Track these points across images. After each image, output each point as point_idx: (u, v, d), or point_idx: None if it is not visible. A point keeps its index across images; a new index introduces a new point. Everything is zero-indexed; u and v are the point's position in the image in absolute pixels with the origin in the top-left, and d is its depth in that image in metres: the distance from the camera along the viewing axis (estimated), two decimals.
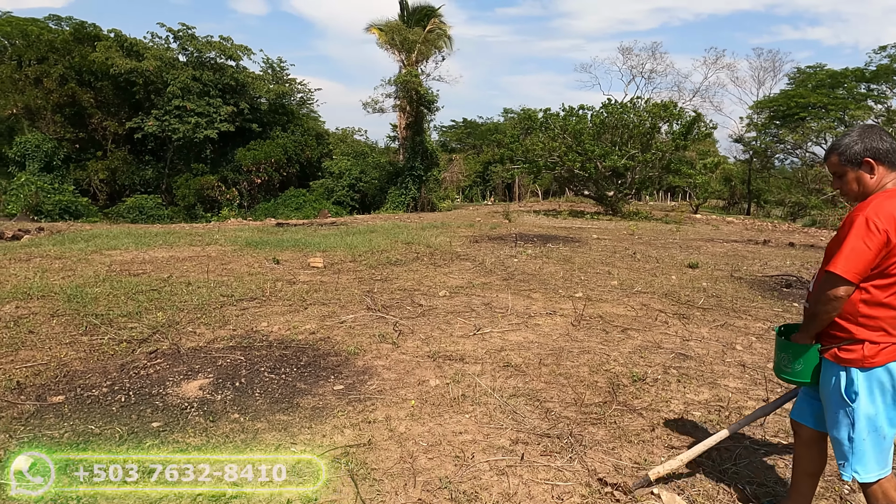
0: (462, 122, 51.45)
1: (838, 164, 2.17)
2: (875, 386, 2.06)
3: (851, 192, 2.17)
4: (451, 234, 13.28)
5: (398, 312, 6.00)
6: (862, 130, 2.16)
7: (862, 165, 2.11)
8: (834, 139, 2.23)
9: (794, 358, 2.28)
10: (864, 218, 1.98)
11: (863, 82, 31.52)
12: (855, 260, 1.98)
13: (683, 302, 6.93)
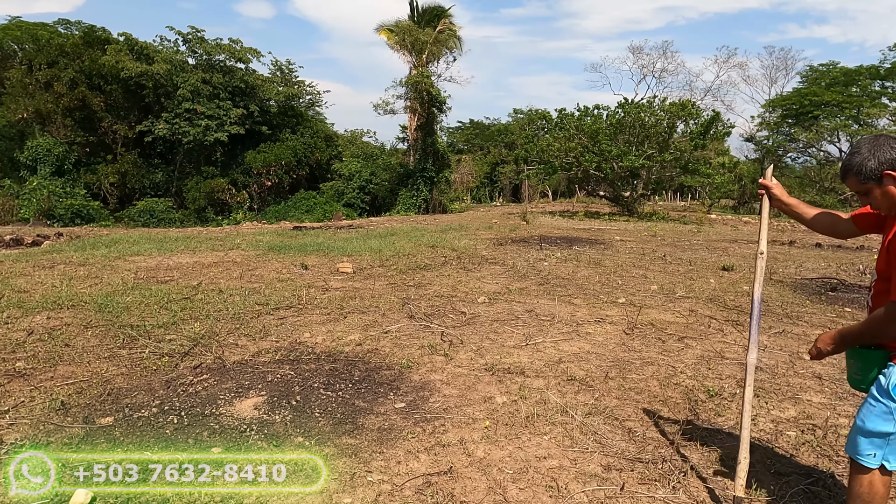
0: (469, 122, 51.23)
1: (858, 183, 2.11)
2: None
3: (884, 206, 2.10)
4: (472, 237, 13.04)
5: (442, 321, 5.76)
6: (870, 145, 2.07)
7: (884, 180, 2.04)
8: (844, 160, 2.14)
9: (862, 364, 2.18)
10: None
11: (877, 80, 31.21)
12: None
13: (731, 308, 6.68)
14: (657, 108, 20.79)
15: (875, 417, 2.07)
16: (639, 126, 20.52)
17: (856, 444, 2.14)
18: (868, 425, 2.09)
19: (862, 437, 2.12)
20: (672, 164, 20.33)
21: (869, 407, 2.11)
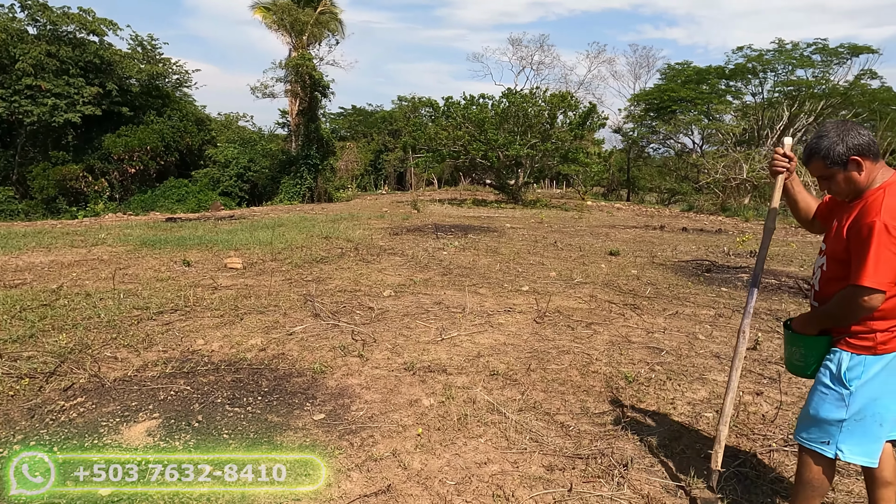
0: (352, 109, 50.05)
1: (824, 167, 2.10)
2: (883, 371, 2.05)
3: (842, 192, 2.12)
4: (366, 227, 12.67)
5: (350, 318, 5.43)
6: (839, 129, 2.07)
7: (849, 165, 2.05)
8: (811, 143, 2.13)
9: (806, 351, 2.22)
10: (882, 224, 1.91)
11: (723, 79, 34.64)
12: (885, 270, 1.93)
13: (626, 292, 6.98)
14: (539, 99, 21.50)
15: (828, 405, 2.12)
16: (522, 116, 21.09)
17: (809, 433, 2.18)
18: (822, 413, 2.13)
19: (815, 426, 2.16)
20: (553, 153, 21.16)
21: (821, 395, 2.14)
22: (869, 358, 2.06)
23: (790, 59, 31.80)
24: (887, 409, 2.09)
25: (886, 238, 1.91)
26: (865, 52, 30.83)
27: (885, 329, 2.03)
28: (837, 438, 2.11)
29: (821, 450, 2.14)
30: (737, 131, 29.56)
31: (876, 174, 2.07)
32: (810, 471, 2.18)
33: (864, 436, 2.10)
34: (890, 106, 31.02)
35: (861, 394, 2.06)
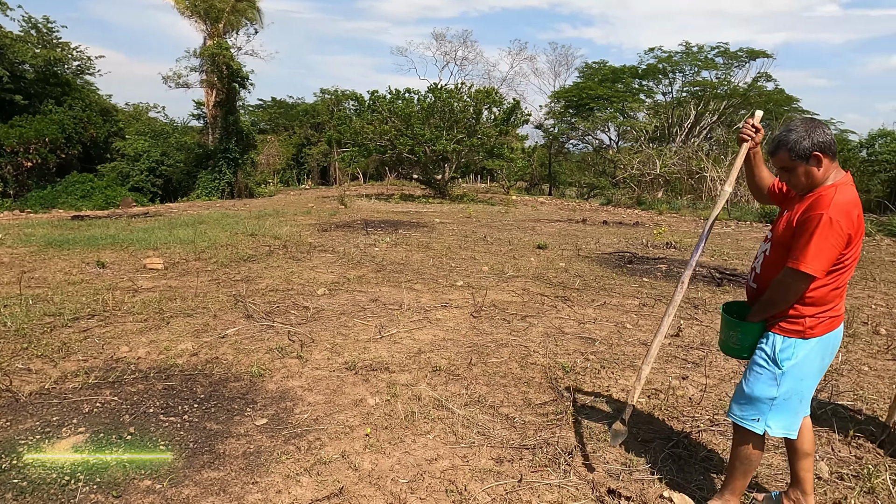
0: (272, 101, 48.41)
1: (788, 159, 2.22)
2: (810, 354, 2.24)
3: (800, 185, 2.26)
4: (293, 223, 12.34)
5: (285, 318, 5.28)
6: (807, 125, 2.21)
7: (810, 160, 2.19)
8: (780, 136, 2.27)
9: (743, 335, 2.37)
10: (828, 218, 2.07)
11: (636, 78, 36.38)
12: (824, 259, 2.09)
13: (556, 284, 7.22)
14: (465, 94, 21.71)
15: (762, 384, 2.28)
16: (448, 111, 21.24)
17: (743, 411, 2.34)
18: (756, 392, 2.29)
19: (748, 404, 2.32)
20: (479, 148, 21.45)
21: (756, 375, 2.31)
22: (799, 341, 2.23)
23: (696, 61, 33.84)
24: (808, 388, 2.30)
25: (829, 230, 2.06)
26: (761, 56, 33.30)
27: (813, 315, 2.21)
28: (767, 415, 2.28)
29: (751, 426, 2.30)
30: (649, 128, 31.11)
31: (831, 172, 2.22)
32: (744, 447, 2.34)
33: (788, 412, 2.29)
34: (783, 106, 33.73)
35: (791, 374, 2.24)
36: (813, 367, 2.27)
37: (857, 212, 2.14)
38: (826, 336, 2.25)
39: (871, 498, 2.69)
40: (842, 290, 2.25)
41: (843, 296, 2.27)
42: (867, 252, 10.77)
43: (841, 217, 2.07)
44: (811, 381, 2.29)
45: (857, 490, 2.72)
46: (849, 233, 2.09)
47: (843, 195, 2.13)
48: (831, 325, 2.25)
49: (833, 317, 2.25)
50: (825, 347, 2.27)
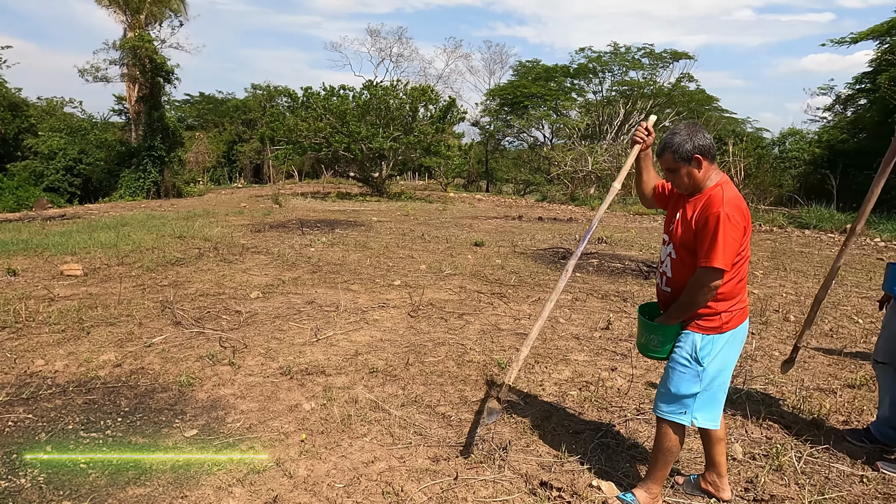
0: (200, 96, 46.60)
1: (672, 160, 2.37)
2: (726, 346, 2.40)
3: (683, 185, 2.43)
4: (224, 224, 11.95)
5: (216, 324, 5.12)
6: (689, 130, 2.36)
7: (692, 161, 2.35)
8: (665, 138, 2.44)
9: (663, 338, 2.48)
10: (726, 215, 2.23)
11: (568, 77, 37.38)
12: (730, 253, 2.25)
13: (493, 281, 7.33)
14: (400, 91, 21.63)
15: (686, 382, 2.40)
16: (384, 108, 21.10)
17: (669, 406, 2.46)
18: (682, 390, 2.41)
19: (674, 401, 2.44)
20: (416, 145, 21.45)
21: (679, 374, 2.42)
22: (716, 336, 2.37)
23: (624, 62, 35.11)
24: (727, 377, 2.46)
25: (728, 226, 2.21)
26: (684, 57, 34.93)
27: (727, 310, 2.36)
28: (693, 409, 2.41)
29: (679, 420, 2.43)
30: (581, 126, 32.01)
31: (711, 173, 2.39)
32: (669, 439, 2.47)
33: (712, 403, 2.44)
34: (704, 105, 35.54)
35: (711, 368, 2.38)
36: (730, 358, 2.43)
37: (746, 209, 2.32)
38: (738, 328, 2.42)
39: (779, 474, 2.91)
40: (745, 282, 2.41)
41: (745, 287, 2.44)
42: (778, 243, 11.53)
43: (735, 212, 2.24)
44: (729, 372, 2.46)
45: (766, 468, 2.93)
46: (744, 225, 2.26)
47: (730, 192, 2.31)
48: (742, 318, 2.42)
49: (742, 308, 2.42)
50: (738, 338, 2.44)
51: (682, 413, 2.43)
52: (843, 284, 7.57)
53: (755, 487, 2.76)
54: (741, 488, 2.78)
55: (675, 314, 2.40)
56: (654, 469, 2.54)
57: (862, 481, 2.86)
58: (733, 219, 2.23)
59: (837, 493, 2.74)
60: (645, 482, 2.58)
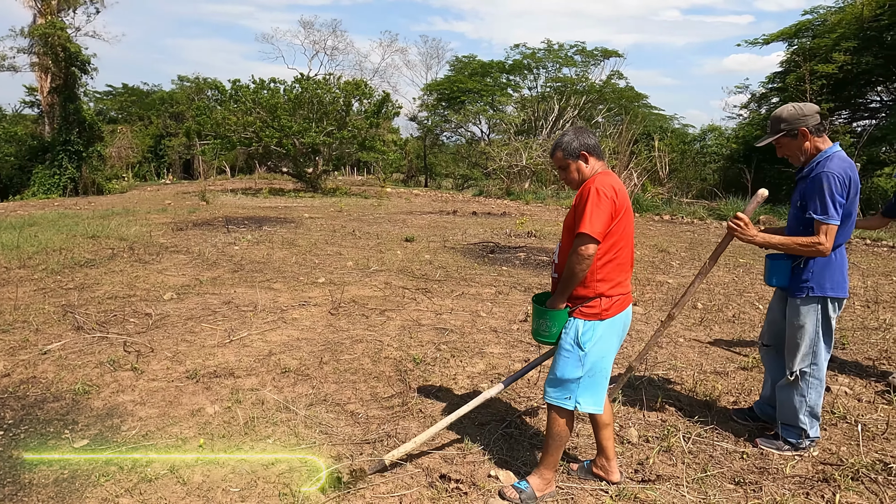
0: (123, 88, 44.27)
1: (562, 158, 2.59)
2: (607, 333, 2.52)
3: (573, 180, 2.61)
4: (144, 223, 11.43)
5: (122, 328, 4.90)
6: (575, 131, 2.61)
7: (579, 157, 2.57)
8: (556, 139, 2.67)
9: (551, 322, 2.58)
10: (595, 188, 2.41)
11: (504, 73, 37.86)
12: (598, 221, 2.38)
13: (419, 277, 7.35)
14: (333, 85, 21.28)
15: (570, 366, 2.51)
16: (317, 103, 20.70)
17: (555, 391, 2.56)
18: (566, 374, 2.51)
19: (559, 385, 2.54)
20: (350, 140, 21.18)
21: (563, 359, 2.53)
22: (597, 322, 2.49)
23: (557, 59, 35.88)
24: (609, 364, 2.57)
25: (598, 198, 2.37)
26: (614, 55, 36.04)
27: (606, 294, 2.48)
28: (576, 393, 2.52)
29: (564, 404, 2.53)
30: (517, 121, 32.49)
31: (597, 168, 2.58)
32: (557, 424, 2.57)
33: (594, 388, 2.54)
34: (634, 102, 36.82)
35: (592, 353, 2.49)
36: (611, 345, 2.55)
37: (620, 189, 2.46)
38: (618, 316, 2.53)
39: (668, 455, 3.06)
40: (623, 266, 2.52)
41: (627, 275, 2.56)
42: (697, 234, 12.12)
43: (605, 188, 2.41)
44: (610, 359, 2.57)
45: (656, 449, 3.08)
46: (613, 198, 2.40)
47: (605, 177, 2.49)
48: (622, 306, 2.54)
49: (622, 295, 2.53)
50: (618, 326, 2.55)
51: (567, 398, 2.53)
52: (750, 273, 8.03)
53: (644, 469, 2.90)
54: (632, 470, 2.91)
55: (561, 291, 2.50)
56: (545, 455, 2.63)
57: (742, 457, 3.05)
58: (602, 192, 2.39)
59: (719, 470, 2.92)
60: (538, 468, 2.66)
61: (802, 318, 2.96)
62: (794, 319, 2.99)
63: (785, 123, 2.94)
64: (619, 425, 3.39)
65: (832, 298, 2.94)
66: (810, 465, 2.97)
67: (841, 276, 2.95)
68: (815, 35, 21.41)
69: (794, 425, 3.08)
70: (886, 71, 19.80)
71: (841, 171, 2.80)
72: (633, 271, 2.62)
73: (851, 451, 3.11)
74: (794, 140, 2.95)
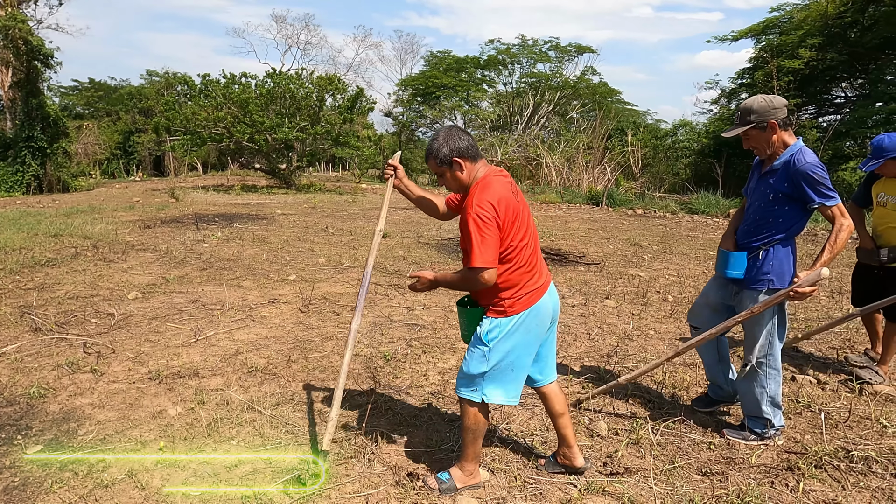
0: (89, 83, 43.15)
1: (436, 166, 2.49)
2: (513, 329, 2.48)
3: (453, 186, 2.53)
4: (110, 220, 11.15)
5: (83, 329, 4.75)
6: (445, 134, 2.47)
7: (452, 164, 2.45)
8: (427, 145, 2.54)
9: (468, 322, 2.58)
10: (475, 216, 2.30)
11: (479, 69, 37.83)
12: (487, 251, 2.31)
13: (392, 273, 7.29)
14: (306, 80, 21.00)
15: (475, 361, 2.49)
16: (290, 98, 20.42)
17: (464, 385, 2.55)
18: (472, 369, 2.50)
19: (467, 379, 2.53)
20: (324, 136, 20.95)
21: (471, 353, 2.52)
22: (502, 320, 2.46)
23: (532, 54, 35.97)
24: (519, 358, 2.51)
25: (481, 225, 2.28)
26: (588, 51, 36.26)
27: (510, 297, 2.45)
28: (482, 387, 2.51)
29: (471, 397, 2.52)
30: (492, 117, 32.51)
31: (477, 171, 2.46)
32: (468, 417, 2.55)
33: (502, 381, 2.51)
34: (607, 98, 37.12)
35: (497, 349, 2.46)
36: (520, 340, 2.49)
37: (503, 198, 2.35)
38: (527, 311, 2.47)
39: (636, 447, 3.06)
40: (530, 268, 2.47)
41: (534, 272, 2.49)
42: (669, 228, 12.26)
43: (483, 209, 2.30)
44: (522, 352, 2.51)
45: (625, 442, 3.08)
46: (494, 218, 2.31)
47: (484, 191, 2.36)
48: (530, 301, 2.48)
49: (530, 292, 2.47)
50: (529, 321, 2.49)
51: (474, 391, 2.52)
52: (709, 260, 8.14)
53: (613, 462, 2.90)
54: (601, 463, 2.90)
55: (443, 282, 2.50)
56: (463, 447, 2.62)
57: (710, 448, 3.07)
58: (483, 218, 2.28)
59: (686, 461, 2.93)
60: (459, 461, 2.66)
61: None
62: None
63: (755, 115, 2.93)
64: (588, 419, 3.39)
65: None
66: (775, 454, 3.00)
67: (793, 267, 2.99)
68: (781, 32, 21.84)
69: (758, 416, 3.11)
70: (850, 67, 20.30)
71: (819, 162, 2.86)
72: (541, 261, 2.58)
73: (815, 439, 3.16)
74: (762, 132, 2.95)
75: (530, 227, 2.49)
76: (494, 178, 2.43)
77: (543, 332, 2.58)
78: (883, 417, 3.39)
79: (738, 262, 3.03)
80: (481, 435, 2.59)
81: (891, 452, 2.99)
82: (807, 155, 2.86)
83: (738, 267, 3.04)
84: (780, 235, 2.95)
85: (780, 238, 2.95)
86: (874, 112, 18.68)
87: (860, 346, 4.70)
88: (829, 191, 2.84)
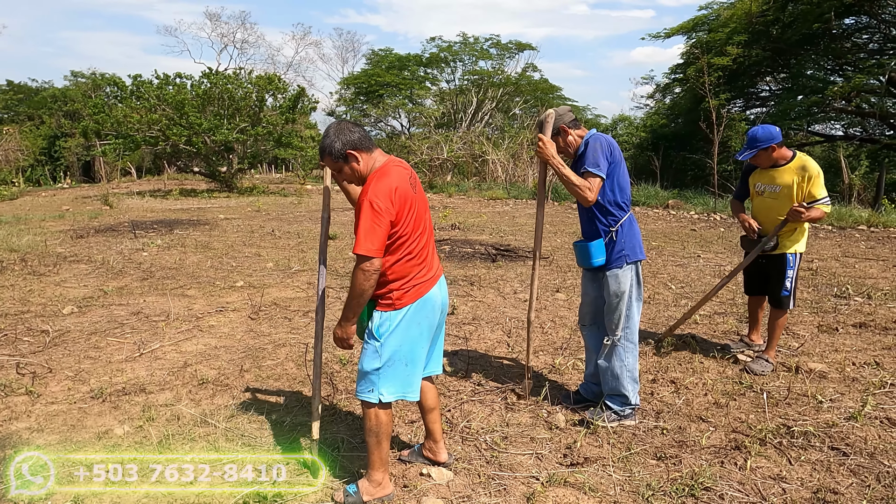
0: (7, 85, 40.55)
1: (332, 162, 2.45)
2: (404, 321, 2.47)
3: (353, 180, 2.51)
4: (38, 231, 10.53)
5: (13, 349, 4.46)
6: (336, 129, 2.44)
7: (348, 158, 2.42)
8: (320, 145, 2.52)
9: (360, 319, 2.52)
10: (369, 202, 2.28)
11: (422, 66, 37.78)
12: (372, 238, 2.28)
13: (343, 275, 7.20)
14: (245, 80, 20.41)
15: (368, 358, 2.46)
16: (228, 98, 19.80)
17: (361, 385, 2.51)
18: (365, 366, 2.47)
19: (363, 378, 2.50)
20: (266, 137, 20.45)
21: (364, 351, 2.49)
22: (392, 313, 2.43)
23: (473, 52, 36.18)
24: (411, 352, 2.49)
25: (371, 213, 2.26)
26: (528, 48, 36.77)
27: (399, 288, 2.42)
28: (378, 385, 2.46)
29: (368, 398, 2.48)
30: (437, 115, 32.56)
31: (373, 162, 2.44)
32: (369, 419, 2.50)
33: (396, 377, 2.47)
34: (548, 94, 37.80)
35: (389, 343, 2.44)
36: (411, 333, 2.47)
37: (399, 188, 2.34)
38: (416, 303, 2.46)
39: (594, 437, 3.14)
40: (420, 260, 2.47)
41: (423, 265, 2.48)
42: None
43: (379, 198, 2.28)
44: (414, 345, 2.50)
45: (583, 433, 3.15)
46: (388, 208, 2.28)
47: (381, 179, 2.34)
48: (419, 293, 2.46)
49: (418, 284, 2.46)
50: (419, 313, 2.48)
51: (370, 391, 2.48)
52: (662, 255, 8.45)
53: (572, 452, 2.96)
54: (560, 454, 2.96)
55: (347, 309, 2.39)
56: (368, 453, 2.55)
57: (663, 433, 3.18)
58: (376, 206, 2.26)
59: (642, 447, 3.03)
60: (367, 470, 2.59)
61: (623, 285, 3.19)
62: (616, 289, 3.20)
63: (547, 126, 3.17)
64: (546, 411, 3.45)
65: (640, 261, 3.26)
66: (724, 435, 3.14)
67: (639, 242, 3.28)
68: (710, 29, 22.80)
69: (618, 394, 3.28)
70: (773, 62, 21.41)
71: (608, 141, 3.15)
72: (433, 254, 2.59)
73: (759, 418, 3.32)
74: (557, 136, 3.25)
75: (425, 220, 2.49)
76: (393, 168, 2.41)
77: (434, 325, 2.57)
78: (818, 394, 3.60)
79: (598, 250, 3.20)
80: (386, 438, 2.53)
81: (827, 426, 3.18)
82: (599, 136, 3.16)
83: (599, 255, 3.20)
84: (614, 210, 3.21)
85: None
86: (796, 105, 19.79)
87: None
88: (596, 168, 3.04)
